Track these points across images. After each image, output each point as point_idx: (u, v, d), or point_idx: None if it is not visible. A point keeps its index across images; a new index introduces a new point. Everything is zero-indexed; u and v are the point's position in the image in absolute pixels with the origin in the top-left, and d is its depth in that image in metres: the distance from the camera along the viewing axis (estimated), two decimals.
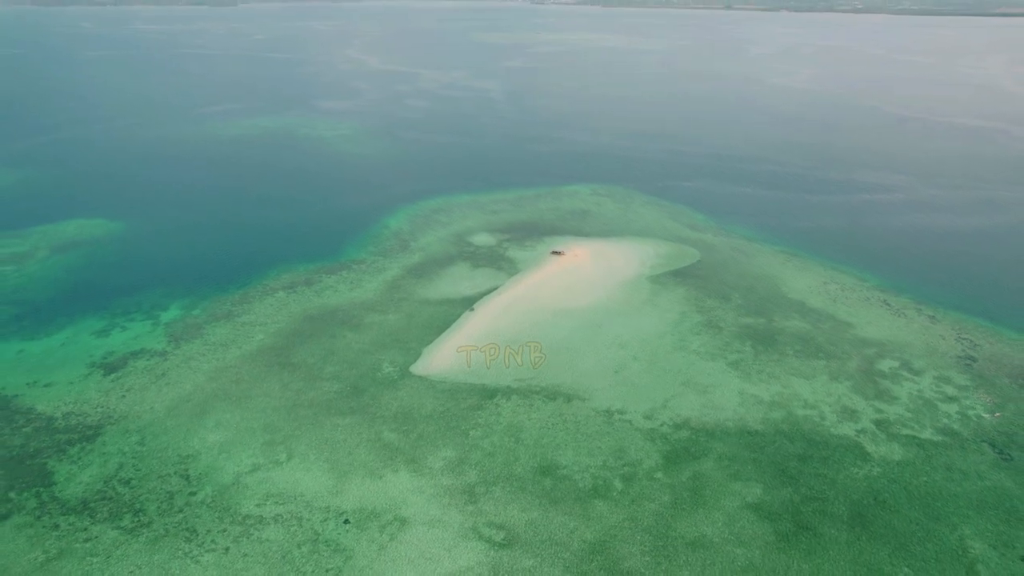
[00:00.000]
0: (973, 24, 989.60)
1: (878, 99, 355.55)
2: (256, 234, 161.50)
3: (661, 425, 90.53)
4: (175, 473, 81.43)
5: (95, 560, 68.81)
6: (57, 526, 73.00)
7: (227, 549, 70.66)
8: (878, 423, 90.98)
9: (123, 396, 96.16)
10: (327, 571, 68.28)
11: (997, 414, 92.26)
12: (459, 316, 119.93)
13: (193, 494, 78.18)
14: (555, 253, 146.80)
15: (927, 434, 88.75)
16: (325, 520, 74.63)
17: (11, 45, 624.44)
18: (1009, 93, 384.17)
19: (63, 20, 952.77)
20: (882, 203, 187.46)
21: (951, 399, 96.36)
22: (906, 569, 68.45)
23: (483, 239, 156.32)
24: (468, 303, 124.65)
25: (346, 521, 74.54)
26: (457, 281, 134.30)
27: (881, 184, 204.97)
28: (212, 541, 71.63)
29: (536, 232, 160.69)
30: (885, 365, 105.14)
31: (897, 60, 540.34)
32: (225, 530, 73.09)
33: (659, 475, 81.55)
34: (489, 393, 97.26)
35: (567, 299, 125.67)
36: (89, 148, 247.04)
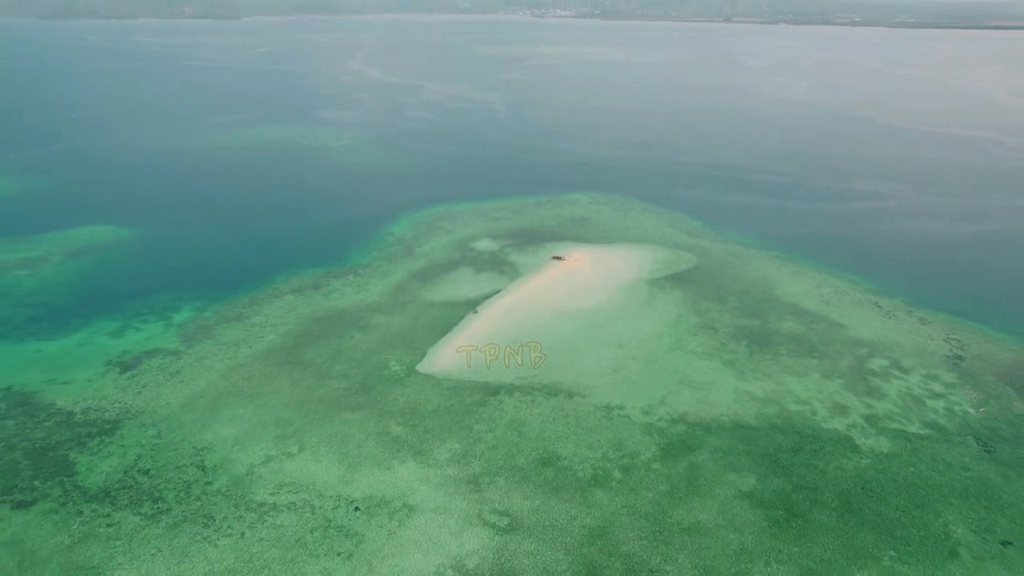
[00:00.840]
0: (970, 37, 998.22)
1: (874, 110, 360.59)
2: (263, 240, 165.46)
3: (658, 420, 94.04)
4: (191, 464, 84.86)
5: (118, 543, 72.22)
6: (81, 512, 76.44)
7: (243, 534, 74.03)
8: (868, 418, 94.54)
9: (139, 392, 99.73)
10: (339, 554, 71.64)
11: (982, 409, 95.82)
12: (463, 318, 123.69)
13: (209, 483, 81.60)
14: (556, 258, 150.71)
15: (914, 428, 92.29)
16: (336, 507, 78.01)
17: (18, 58, 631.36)
18: (1003, 105, 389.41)
19: (68, 33, 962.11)
20: (876, 210, 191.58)
21: (938, 396, 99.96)
22: (892, 552, 71.81)
23: (485, 245, 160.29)
24: (471, 305, 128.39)
25: (356, 508, 77.91)
26: (460, 284, 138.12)
27: (875, 192, 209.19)
28: (228, 527, 75.01)
29: (537, 238, 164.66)
30: (876, 364, 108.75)
31: (894, 73, 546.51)
32: (241, 517, 76.47)
33: (656, 466, 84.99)
34: (492, 390, 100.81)
35: (567, 302, 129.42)
36: (97, 158, 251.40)
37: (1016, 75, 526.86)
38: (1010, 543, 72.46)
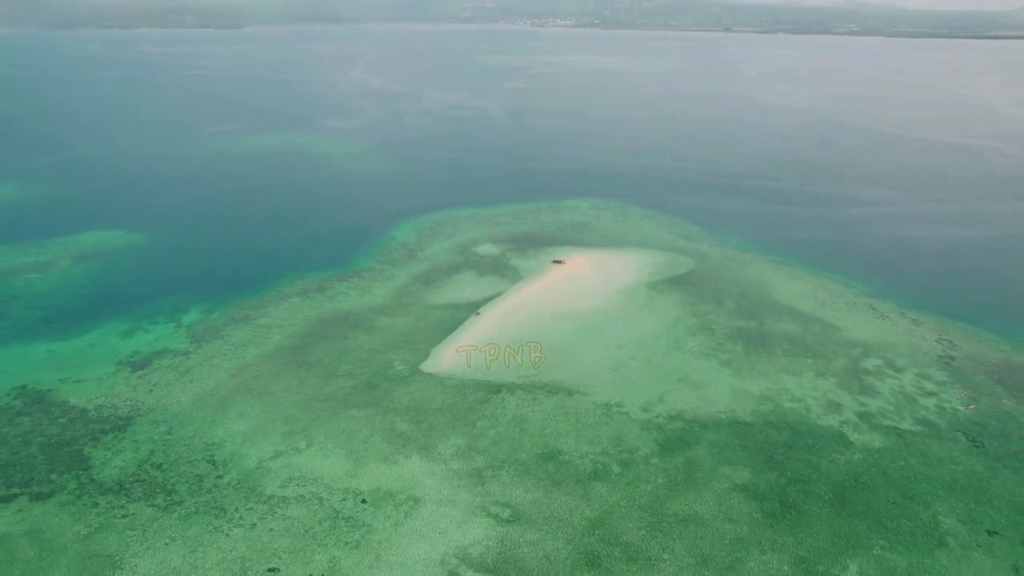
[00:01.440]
0: (969, 47, 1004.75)
1: (872, 119, 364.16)
2: (268, 245, 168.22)
3: (657, 417, 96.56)
4: (202, 459, 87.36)
5: (133, 533, 74.68)
6: (96, 504, 78.92)
7: (254, 525, 76.46)
8: (860, 415, 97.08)
9: (150, 391, 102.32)
10: (346, 544, 74.04)
11: (972, 406, 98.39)
12: (465, 319, 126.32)
13: (220, 477, 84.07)
14: (556, 262, 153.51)
15: (906, 424, 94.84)
16: (344, 500, 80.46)
17: (21, 67, 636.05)
18: (1001, 114, 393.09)
19: (70, 43, 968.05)
20: (872, 216, 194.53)
21: (930, 394, 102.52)
22: (882, 542, 74.20)
23: (487, 249, 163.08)
24: (473, 308, 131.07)
25: (363, 501, 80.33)
26: (463, 287, 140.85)
27: (872, 198, 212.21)
28: (240, 518, 77.44)
29: (538, 243, 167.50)
30: (869, 363, 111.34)
31: (892, 81, 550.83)
32: (251, 508, 78.91)
33: (654, 460, 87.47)
34: (495, 389, 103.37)
35: (567, 304, 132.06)
36: (103, 165, 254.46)
37: (1015, 84, 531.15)
38: (996, 533, 74.89)
